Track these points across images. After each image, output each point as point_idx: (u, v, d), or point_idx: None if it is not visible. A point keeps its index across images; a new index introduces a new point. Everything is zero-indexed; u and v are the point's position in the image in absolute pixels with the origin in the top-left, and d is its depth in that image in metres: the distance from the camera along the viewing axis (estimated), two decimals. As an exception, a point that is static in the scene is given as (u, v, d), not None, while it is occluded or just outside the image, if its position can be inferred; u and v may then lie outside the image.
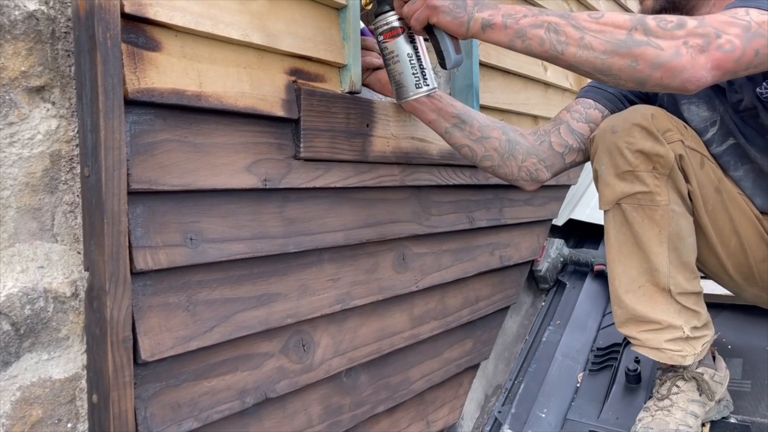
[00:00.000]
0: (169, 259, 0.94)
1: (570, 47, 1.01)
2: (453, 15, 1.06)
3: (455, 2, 1.06)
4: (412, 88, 1.17)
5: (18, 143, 0.82)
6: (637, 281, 1.38)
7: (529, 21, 1.03)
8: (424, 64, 1.17)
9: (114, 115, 0.85)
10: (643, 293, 1.37)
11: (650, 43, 0.99)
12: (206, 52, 0.99)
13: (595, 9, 2.51)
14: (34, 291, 0.84)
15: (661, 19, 1.01)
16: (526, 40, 1.03)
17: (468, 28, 1.06)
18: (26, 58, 0.83)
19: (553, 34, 1.02)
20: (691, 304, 1.38)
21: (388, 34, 1.15)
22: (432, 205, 1.54)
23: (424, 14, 1.08)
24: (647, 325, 1.38)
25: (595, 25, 1.01)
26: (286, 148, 1.14)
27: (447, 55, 1.12)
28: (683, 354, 1.37)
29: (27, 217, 0.84)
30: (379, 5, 1.16)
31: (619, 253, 1.39)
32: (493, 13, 1.05)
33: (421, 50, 1.17)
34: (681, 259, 1.36)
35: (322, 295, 1.22)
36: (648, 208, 1.34)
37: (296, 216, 1.16)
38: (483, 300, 1.78)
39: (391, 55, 1.16)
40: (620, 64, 1.00)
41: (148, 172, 0.91)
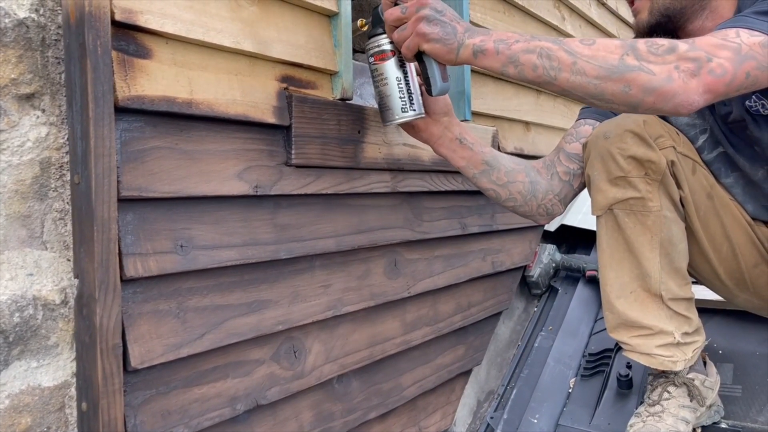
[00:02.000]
0: (160, 266, 0.94)
1: (563, 73, 1.01)
2: (442, 42, 1.05)
3: (445, 29, 1.05)
4: (397, 112, 1.17)
5: (7, 150, 0.82)
6: (628, 287, 1.38)
7: (522, 46, 1.02)
8: (412, 88, 1.17)
9: (104, 123, 0.85)
10: (634, 299, 1.38)
11: (642, 68, 0.99)
12: (197, 59, 0.99)
13: (587, 15, 2.53)
14: (23, 298, 0.84)
15: (652, 44, 1.01)
16: (518, 66, 1.03)
17: (457, 55, 1.06)
18: (16, 65, 0.83)
19: (545, 60, 1.01)
20: (683, 309, 1.39)
21: (378, 57, 1.15)
22: (424, 212, 1.54)
23: (414, 42, 1.07)
24: (638, 330, 1.38)
25: (587, 51, 1.00)
26: (278, 155, 1.14)
27: (433, 82, 1.11)
28: (674, 360, 1.38)
29: (16, 225, 0.84)
30: (373, 27, 1.17)
31: (611, 258, 1.40)
32: (485, 39, 1.04)
33: (410, 75, 1.17)
34: (673, 265, 1.37)
35: (313, 302, 1.22)
36: (640, 213, 1.34)
37: (288, 222, 1.16)
38: (475, 306, 1.78)
39: (380, 78, 1.17)
40: (613, 89, 1.00)
41: (138, 180, 0.91)
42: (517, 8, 1.99)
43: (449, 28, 1.05)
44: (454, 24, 1.06)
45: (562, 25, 2.29)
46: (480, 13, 1.76)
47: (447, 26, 1.05)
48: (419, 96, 1.19)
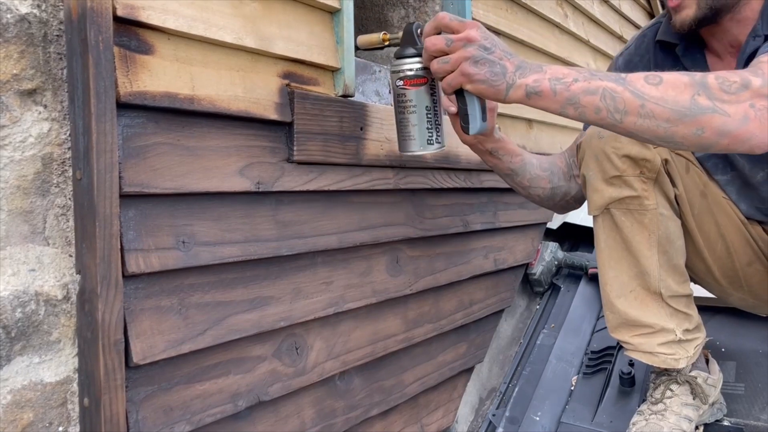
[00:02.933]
0: (162, 263, 0.94)
1: (629, 116, 0.94)
2: (489, 83, 0.96)
3: (493, 69, 0.96)
4: (422, 143, 1.08)
5: (9, 146, 0.82)
6: (628, 286, 1.38)
7: (581, 86, 0.94)
8: (439, 119, 1.08)
9: (106, 119, 0.85)
10: (634, 297, 1.38)
11: (716, 109, 0.92)
12: (199, 55, 0.99)
13: (589, 12, 2.52)
14: (26, 294, 0.84)
15: (724, 80, 0.95)
16: (579, 108, 0.95)
17: (506, 96, 0.97)
18: (18, 61, 0.83)
19: (609, 102, 0.94)
20: (683, 306, 1.39)
21: (409, 81, 1.05)
22: (426, 209, 1.54)
23: (458, 81, 0.98)
24: (639, 329, 1.38)
25: (655, 91, 0.93)
26: (279, 152, 1.14)
27: (472, 120, 1.02)
28: (676, 357, 1.38)
29: (18, 220, 0.84)
30: (403, 47, 1.06)
31: (609, 258, 1.40)
32: (539, 78, 0.95)
33: (439, 104, 1.08)
34: (671, 263, 1.37)
35: (315, 299, 1.22)
36: (637, 212, 1.35)
37: (289, 219, 1.16)
38: (477, 303, 1.78)
39: (408, 104, 1.06)
40: (684, 133, 0.93)
41: (140, 176, 0.91)
42: (520, 5, 1.98)
43: (498, 67, 0.96)
44: (503, 62, 0.96)
45: (564, 23, 2.29)
46: (482, 10, 1.76)
47: (496, 66, 0.96)
48: (443, 126, 1.10)
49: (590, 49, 2.58)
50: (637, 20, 3.15)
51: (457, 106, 1.02)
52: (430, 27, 1.00)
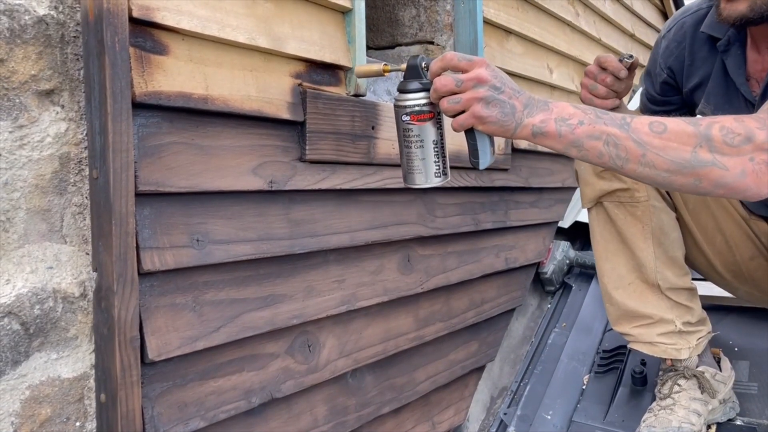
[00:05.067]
0: (176, 260, 0.95)
1: (630, 163, 0.95)
2: (500, 125, 0.96)
3: (503, 110, 0.95)
4: (430, 177, 1.07)
5: (28, 146, 0.84)
6: (626, 278, 1.42)
7: (586, 130, 0.95)
8: (445, 151, 1.08)
9: (122, 118, 0.86)
10: (633, 290, 1.41)
11: (716, 163, 0.94)
12: (213, 55, 1.00)
13: (601, 11, 2.51)
14: (44, 291, 0.85)
15: (728, 132, 0.95)
16: (582, 150, 0.96)
17: (514, 134, 0.97)
18: (36, 62, 0.84)
19: (612, 148, 0.95)
20: (683, 299, 1.41)
21: (416, 117, 1.04)
22: (437, 207, 1.55)
23: (469, 122, 0.97)
24: (639, 320, 1.41)
25: (657, 141, 0.94)
26: (292, 151, 1.15)
27: (482, 155, 1.02)
28: (677, 347, 1.39)
29: (36, 219, 0.85)
30: (408, 81, 1.04)
31: (605, 250, 1.43)
32: (545, 119, 0.96)
33: (444, 137, 1.07)
34: (667, 254, 1.39)
35: (327, 296, 1.23)
36: (629, 204, 1.38)
37: (302, 218, 1.17)
38: (488, 302, 1.78)
39: (414, 138, 1.05)
40: (682, 182, 0.96)
41: (155, 174, 0.92)
42: (531, 4, 1.98)
43: (508, 107, 0.95)
44: (513, 102, 0.96)
45: (576, 21, 2.28)
46: (494, 9, 1.76)
47: (506, 106, 0.95)
48: (448, 157, 1.10)
49: (602, 47, 2.57)
50: (649, 18, 3.14)
51: (467, 143, 1.02)
52: (437, 66, 0.99)
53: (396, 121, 1.06)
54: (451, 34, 1.70)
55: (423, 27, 1.75)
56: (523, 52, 1.95)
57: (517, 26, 1.88)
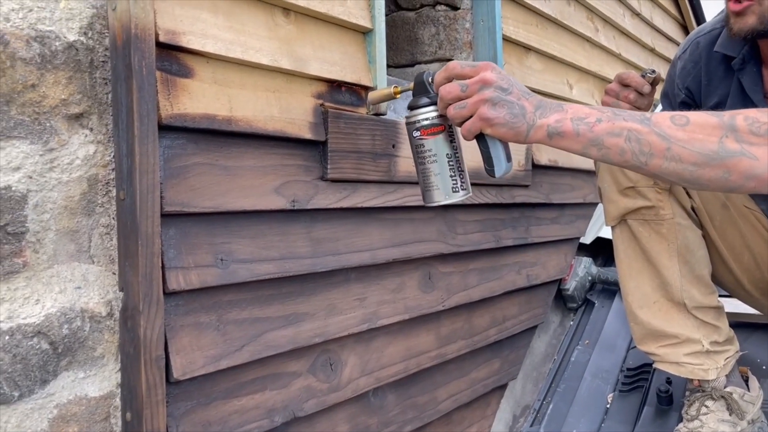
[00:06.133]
0: (201, 280, 0.96)
1: (655, 158, 0.91)
2: (509, 126, 0.92)
3: (512, 110, 0.92)
4: (447, 192, 1.04)
5: (57, 168, 0.86)
6: (650, 296, 1.40)
7: (605, 127, 0.91)
8: (462, 165, 1.05)
9: (148, 141, 0.88)
10: (658, 308, 1.39)
11: (744, 152, 0.90)
12: (236, 77, 1.02)
13: (620, 26, 2.51)
14: (72, 311, 0.87)
15: (753, 121, 0.92)
16: (602, 149, 0.92)
17: (527, 136, 0.94)
18: (66, 86, 0.86)
19: (634, 144, 0.91)
20: (710, 318, 1.38)
21: (426, 131, 1.02)
22: (458, 224, 1.55)
23: (477, 126, 0.94)
24: (665, 339, 1.39)
25: (681, 133, 0.91)
26: (314, 170, 1.16)
27: (497, 163, 0.99)
28: (704, 368, 1.37)
29: (65, 239, 0.87)
30: (416, 98, 1.04)
31: (629, 268, 1.42)
32: (560, 119, 0.92)
33: (459, 150, 1.05)
34: (693, 273, 1.37)
35: (349, 315, 1.23)
36: (653, 222, 1.36)
37: (323, 236, 1.18)
38: (510, 319, 1.77)
39: (427, 153, 1.03)
40: (710, 175, 0.91)
41: (180, 195, 0.94)
42: (550, 21, 1.99)
43: (517, 108, 0.92)
44: (522, 102, 0.93)
45: (595, 37, 2.28)
46: (513, 26, 1.77)
47: (514, 106, 0.92)
48: (467, 171, 1.07)
49: (622, 62, 2.56)
50: (669, 32, 3.12)
51: (480, 150, 1.00)
52: (441, 77, 0.97)
53: (409, 139, 1.06)
54: (470, 51, 1.71)
55: (442, 45, 1.76)
56: (543, 69, 1.95)
57: (536, 43, 1.88)
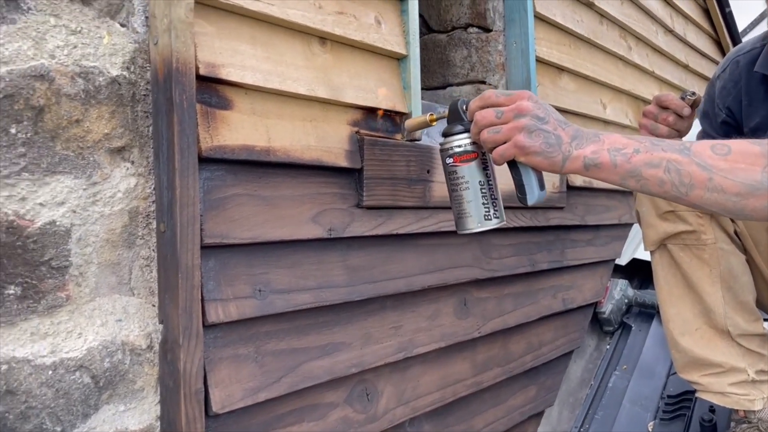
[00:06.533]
0: (239, 311, 0.95)
1: (696, 190, 0.89)
2: (545, 155, 0.91)
3: (548, 140, 0.91)
4: (479, 219, 1.03)
5: (100, 202, 0.86)
6: (692, 323, 1.36)
7: (643, 158, 0.90)
8: (495, 193, 1.03)
9: (188, 173, 0.88)
10: (700, 336, 1.35)
11: None
12: (274, 107, 1.02)
13: (654, 43, 2.48)
14: (113, 344, 0.87)
15: None
16: (641, 180, 0.91)
17: (563, 167, 0.92)
18: (109, 120, 0.87)
19: (674, 175, 0.89)
20: (755, 346, 1.34)
21: (458, 158, 1.02)
22: (492, 249, 1.52)
23: (511, 152, 0.93)
24: (708, 368, 1.35)
25: (723, 163, 0.88)
26: (350, 198, 1.15)
27: (530, 191, 0.98)
28: (750, 398, 1.32)
29: (107, 272, 0.87)
30: (450, 125, 1.04)
31: (670, 294, 1.38)
32: (597, 149, 0.90)
33: (493, 177, 1.04)
34: (737, 299, 1.33)
35: (385, 344, 1.21)
36: (695, 247, 1.33)
37: (359, 264, 1.17)
38: (546, 345, 1.74)
39: (460, 180, 1.03)
40: (755, 205, 0.88)
41: (219, 227, 0.94)
42: (583, 41, 1.97)
43: (553, 138, 0.91)
44: (558, 132, 0.92)
45: (628, 55, 2.25)
46: (546, 47, 1.75)
47: (550, 136, 0.91)
48: (501, 199, 1.05)
49: (655, 79, 2.52)
50: (703, 48, 3.07)
51: (512, 178, 0.98)
52: (476, 104, 0.97)
53: (443, 166, 1.06)
54: (503, 73, 1.70)
55: (474, 67, 1.75)
56: (576, 89, 1.93)
57: (569, 63, 1.87)
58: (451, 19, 1.81)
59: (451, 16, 1.81)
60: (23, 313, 0.79)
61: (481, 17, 1.73)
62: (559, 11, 1.82)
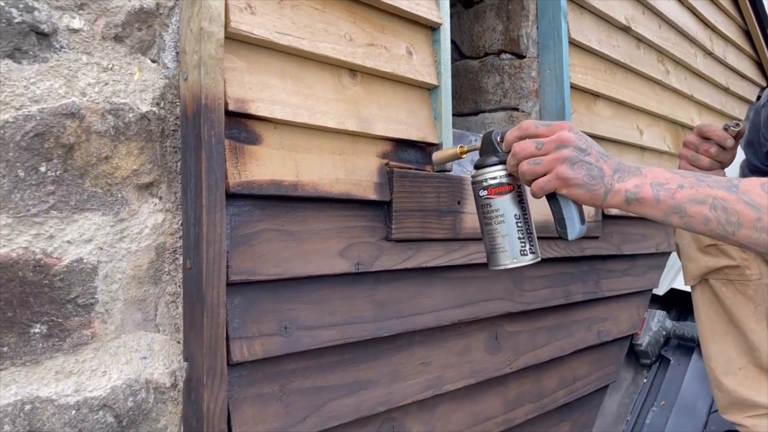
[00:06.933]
0: (265, 349, 0.94)
1: (744, 229, 0.85)
2: (588, 188, 0.89)
3: (591, 172, 0.88)
4: (515, 255, 1.00)
5: (127, 238, 0.86)
6: (736, 362, 1.31)
7: (688, 194, 0.87)
8: (531, 228, 1.00)
9: (215, 210, 0.87)
10: (744, 375, 1.30)
11: None
12: (303, 141, 1.01)
13: (692, 66, 2.41)
14: (137, 382, 0.86)
15: None
16: (685, 217, 0.87)
17: (604, 200, 0.89)
18: (137, 157, 0.87)
19: (720, 213, 0.86)
20: None
21: (493, 190, 0.99)
22: (525, 281, 1.48)
23: (553, 185, 0.90)
24: (753, 410, 1.30)
25: None
26: (378, 231, 1.13)
27: (570, 224, 0.94)
28: None
29: (132, 309, 0.87)
30: (483, 157, 1.01)
31: (712, 331, 1.33)
32: (640, 184, 0.88)
33: (528, 211, 1.01)
34: None
35: (413, 381, 1.18)
36: (738, 282, 1.28)
37: (387, 299, 1.14)
38: (580, 379, 1.68)
39: (494, 214, 1.00)
40: None
41: (246, 263, 0.92)
42: (619, 66, 1.92)
43: (595, 170, 0.89)
44: (600, 165, 0.89)
45: (666, 79, 2.20)
46: (580, 74, 1.72)
47: (593, 168, 0.89)
48: (535, 234, 1.02)
49: (694, 104, 2.46)
50: (744, 71, 2.99)
51: (552, 211, 0.95)
52: (514, 135, 0.94)
53: (474, 199, 1.03)
54: (536, 100, 1.66)
55: (507, 94, 1.73)
56: (612, 115, 1.89)
57: (604, 89, 1.82)
58: (484, 45, 1.79)
59: (484, 42, 1.79)
60: (48, 352, 0.78)
61: (514, 43, 1.71)
62: (594, 36, 1.78)
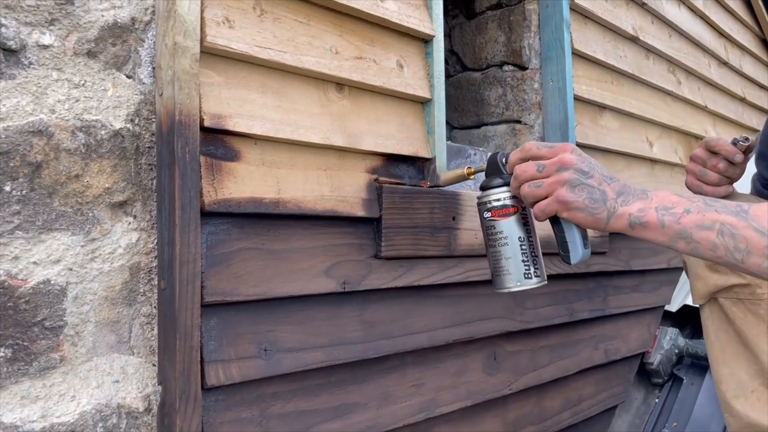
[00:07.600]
0: (242, 373, 0.91)
1: (752, 257, 0.82)
2: (588, 211, 0.87)
3: (592, 195, 0.87)
4: (519, 278, 0.98)
5: (99, 258, 0.84)
6: (748, 385, 1.24)
7: (694, 220, 0.84)
8: (536, 251, 0.99)
9: (189, 229, 0.84)
10: (756, 399, 1.24)
11: None
12: (286, 157, 0.98)
13: (706, 76, 2.35)
14: (108, 407, 0.83)
15: None
16: (691, 243, 0.85)
17: (607, 224, 0.87)
18: (110, 174, 0.85)
19: (728, 239, 0.83)
20: None
21: (497, 212, 0.98)
22: (526, 299, 1.44)
23: (553, 208, 0.89)
24: None
25: None
26: (367, 248, 1.10)
27: (573, 248, 0.93)
28: None
29: (105, 331, 0.84)
30: (488, 178, 1.01)
31: (722, 353, 1.27)
32: (644, 208, 0.86)
33: (534, 234, 0.99)
34: None
35: (404, 403, 1.14)
36: (749, 302, 1.22)
37: (377, 319, 1.11)
38: (586, 400, 1.62)
39: (498, 236, 0.99)
40: None
41: (223, 284, 0.90)
42: (626, 76, 1.87)
43: (597, 193, 0.87)
44: (603, 188, 0.87)
45: (677, 90, 2.14)
46: (585, 85, 1.67)
47: (594, 191, 0.87)
48: (542, 257, 1.00)
49: (708, 114, 2.39)
50: (762, 80, 2.92)
51: (554, 235, 0.92)
52: (516, 157, 0.93)
53: (480, 220, 1.02)
54: (539, 113, 1.62)
55: (509, 106, 1.69)
56: (620, 127, 1.84)
57: (611, 101, 1.78)
58: (486, 57, 1.75)
59: (486, 54, 1.76)
60: (13, 376, 0.76)
61: (516, 55, 1.67)
62: (599, 47, 1.74)
